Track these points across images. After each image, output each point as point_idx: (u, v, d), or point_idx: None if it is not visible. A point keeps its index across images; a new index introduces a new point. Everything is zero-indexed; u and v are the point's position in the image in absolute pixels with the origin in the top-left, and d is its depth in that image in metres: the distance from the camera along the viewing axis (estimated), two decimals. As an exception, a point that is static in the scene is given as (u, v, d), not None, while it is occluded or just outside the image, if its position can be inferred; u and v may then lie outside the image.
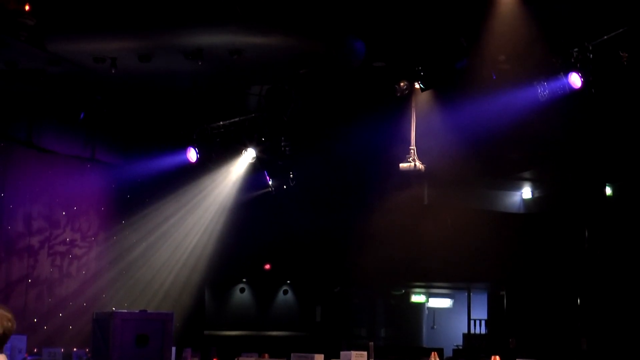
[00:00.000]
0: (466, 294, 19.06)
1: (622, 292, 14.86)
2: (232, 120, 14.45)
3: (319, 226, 16.76)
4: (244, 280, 18.68)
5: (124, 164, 15.30)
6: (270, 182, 15.31)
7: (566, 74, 10.22)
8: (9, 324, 4.65)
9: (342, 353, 9.78)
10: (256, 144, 14.85)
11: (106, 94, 13.49)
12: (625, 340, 14.52)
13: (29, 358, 12.46)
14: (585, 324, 15.39)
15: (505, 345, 16.06)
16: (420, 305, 21.02)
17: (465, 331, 18.62)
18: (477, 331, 18.43)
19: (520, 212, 18.57)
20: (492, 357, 9.63)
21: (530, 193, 18.53)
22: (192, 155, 14.60)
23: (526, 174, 17.55)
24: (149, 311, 15.26)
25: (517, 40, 10.52)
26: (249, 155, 14.91)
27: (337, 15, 11.06)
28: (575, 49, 10.00)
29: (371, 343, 12.52)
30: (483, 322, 18.35)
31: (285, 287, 18.96)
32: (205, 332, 17.26)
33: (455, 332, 19.48)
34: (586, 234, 15.59)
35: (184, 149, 14.65)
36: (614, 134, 13.21)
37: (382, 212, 15.98)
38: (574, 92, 10.25)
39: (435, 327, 21.09)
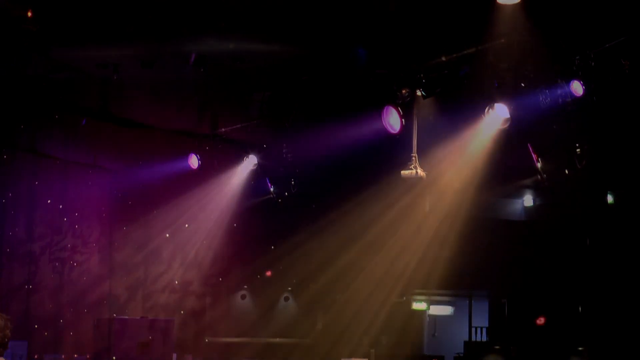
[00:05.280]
0: (467, 301, 19.03)
1: (624, 301, 14.85)
2: (234, 126, 14.50)
3: (320, 232, 16.74)
4: (245, 287, 18.67)
5: (126, 170, 15.32)
6: (272, 189, 15.32)
7: (568, 81, 10.24)
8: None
9: (343, 360, 9.79)
10: (258, 151, 14.89)
11: (109, 99, 13.54)
12: (627, 349, 14.51)
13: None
14: (587, 332, 15.38)
15: (506, 353, 16.05)
16: (422, 313, 20.99)
17: (467, 339, 18.60)
18: (479, 339, 18.40)
19: (521, 219, 18.56)
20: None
21: (531, 200, 18.52)
22: (193, 161, 14.65)
23: (528, 181, 17.55)
24: (150, 318, 15.37)
25: (519, 47, 10.55)
26: (250, 161, 14.94)
27: (340, 23, 11.10)
28: (577, 57, 10.02)
29: (372, 350, 12.57)
30: (484, 330, 18.33)
31: (286, 294, 18.94)
32: (206, 339, 17.24)
33: (457, 339, 19.44)
34: (588, 241, 15.59)
35: (185, 155, 14.70)
36: (616, 142, 13.22)
37: (383, 219, 15.97)
38: (575, 99, 10.27)
39: (436, 334, 21.05)
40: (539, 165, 12.85)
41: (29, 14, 10.03)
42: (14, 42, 10.37)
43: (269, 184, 15.25)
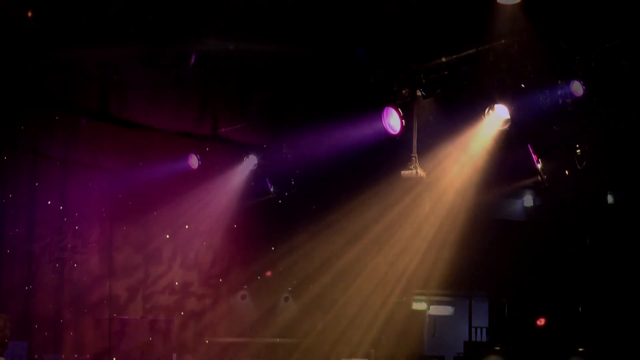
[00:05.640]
0: (467, 301, 19.04)
1: (624, 301, 14.85)
2: (234, 126, 14.52)
3: (320, 232, 16.75)
4: (245, 287, 18.66)
5: (126, 171, 15.31)
6: (272, 189, 15.34)
7: (568, 81, 10.24)
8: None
9: (343, 361, 9.81)
10: (258, 151, 14.91)
11: (109, 99, 13.55)
12: (628, 349, 14.51)
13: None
14: (587, 333, 15.38)
15: (506, 354, 16.05)
16: (422, 313, 20.98)
17: (467, 339, 18.60)
18: (479, 339, 18.40)
19: (521, 219, 18.56)
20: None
21: (531, 201, 18.52)
22: (193, 161, 14.67)
23: (528, 182, 17.55)
24: (150, 318, 15.36)
25: (519, 48, 10.56)
26: (250, 161, 14.96)
27: (340, 23, 11.11)
28: (577, 57, 10.03)
29: (372, 350, 12.55)
30: (484, 330, 18.33)
31: (286, 294, 18.93)
32: (207, 339, 17.24)
33: (457, 340, 19.45)
34: (588, 241, 15.60)
35: (185, 155, 14.71)
36: (616, 142, 13.23)
37: (383, 219, 15.98)
38: (575, 99, 10.27)
39: (436, 334, 21.04)
40: (539, 166, 12.86)
41: (29, 14, 10.04)
42: (14, 42, 10.38)
43: (269, 184, 15.26)
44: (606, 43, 9.82)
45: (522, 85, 10.89)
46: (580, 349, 15.27)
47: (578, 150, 12.45)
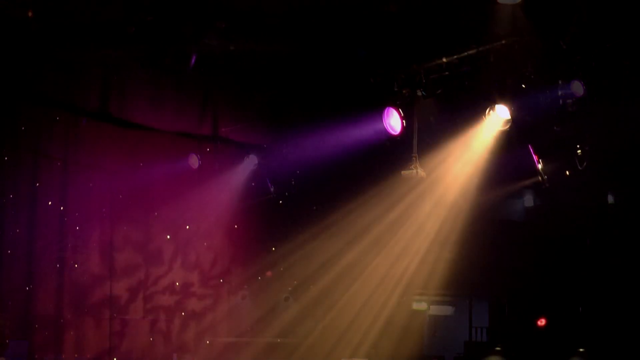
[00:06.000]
0: (467, 301, 19.04)
1: (624, 302, 14.86)
2: (234, 126, 14.53)
3: (321, 233, 16.76)
4: (246, 287, 18.66)
5: (126, 171, 15.31)
6: (272, 189, 15.34)
7: (568, 81, 10.25)
8: None
9: (343, 361, 9.82)
10: (258, 151, 14.92)
11: (109, 99, 13.56)
12: (627, 349, 14.51)
13: (30, 364, 12.48)
14: (588, 333, 15.39)
15: (507, 354, 16.06)
16: (422, 313, 20.98)
17: (467, 339, 18.61)
18: (479, 339, 18.41)
19: (522, 220, 18.57)
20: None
21: (532, 201, 18.52)
22: (194, 161, 14.69)
23: (528, 182, 17.55)
24: (150, 318, 15.36)
25: (519, 48, 10.57)
26: (250, 161, 14.96)
27: (341, 23, 11.13)
28: (578, 57, 10.03)
29: (373, 351, 12.57)
30: (484, 330, 18.33)
31: (287, 295, 18.94)
32: (207, 340, 17.25)
33: (457, 340, 19.46)
34: (588, 242, 15.61)
35: (186, 155, 14.72)
36: (616, 142, 13.23)
37: (383, 220, 15.98)
38: (576, 99, 10.28)
39: (437, 334, 21.04)
40: (539, 166, 12.87)
41: (29, 14, 10.06)
42: (14, 42, 10.39)
43: (269, 184, 15.27)
44: (606, 43, 9.83)
45: (523, 86, 10.90)
46: (581, 349, 15.28)
47: (578, 151, 12.45)
